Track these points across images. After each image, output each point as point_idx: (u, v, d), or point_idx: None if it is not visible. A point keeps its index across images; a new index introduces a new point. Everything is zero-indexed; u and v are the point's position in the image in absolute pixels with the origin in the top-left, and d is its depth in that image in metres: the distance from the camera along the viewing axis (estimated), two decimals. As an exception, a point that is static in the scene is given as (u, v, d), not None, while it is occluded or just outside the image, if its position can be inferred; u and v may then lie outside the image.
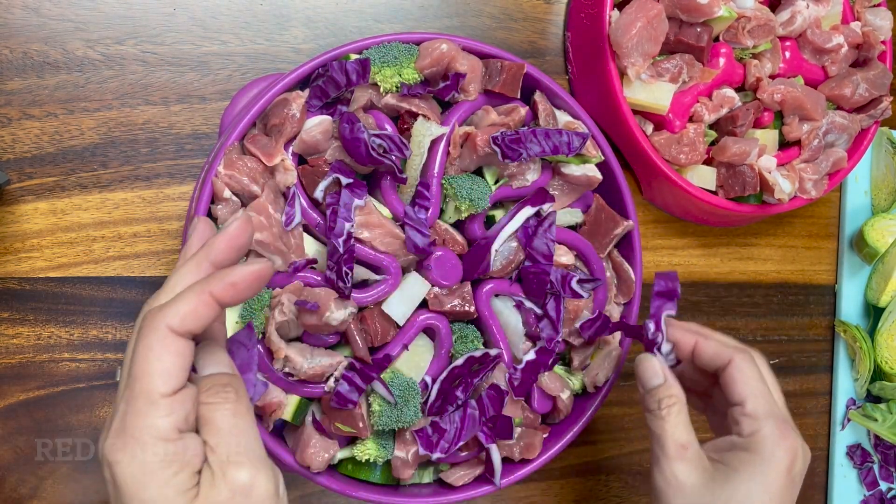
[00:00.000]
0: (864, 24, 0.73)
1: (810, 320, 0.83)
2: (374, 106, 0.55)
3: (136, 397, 0.34)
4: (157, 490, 0.34)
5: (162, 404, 0.34)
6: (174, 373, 0.35)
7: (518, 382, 0.57)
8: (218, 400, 0.36)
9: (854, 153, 0.73)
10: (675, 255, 0.77)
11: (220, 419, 0.36)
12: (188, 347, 0.35)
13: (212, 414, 0.36)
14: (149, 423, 0.34)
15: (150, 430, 0.34)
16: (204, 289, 0.35)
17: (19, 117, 0.58)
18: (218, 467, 0.35)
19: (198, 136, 0.62)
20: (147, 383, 0.34)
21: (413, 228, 0.54)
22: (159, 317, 0.35)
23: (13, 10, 0.58)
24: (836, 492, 0.81)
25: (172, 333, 0.35)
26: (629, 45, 0.63)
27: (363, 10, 0.66)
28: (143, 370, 0.34)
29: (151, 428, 0.34)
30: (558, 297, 0.58)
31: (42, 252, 0.58)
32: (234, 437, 0.36)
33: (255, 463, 0.36)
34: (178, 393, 0.35)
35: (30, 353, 0.58)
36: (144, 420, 0.34)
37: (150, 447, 0.34)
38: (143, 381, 0.34)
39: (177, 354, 0.35)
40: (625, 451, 0.74)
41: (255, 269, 0.36)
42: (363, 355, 0.53)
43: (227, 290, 0.35)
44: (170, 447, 0.34)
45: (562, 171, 0.59)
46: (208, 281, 0.36)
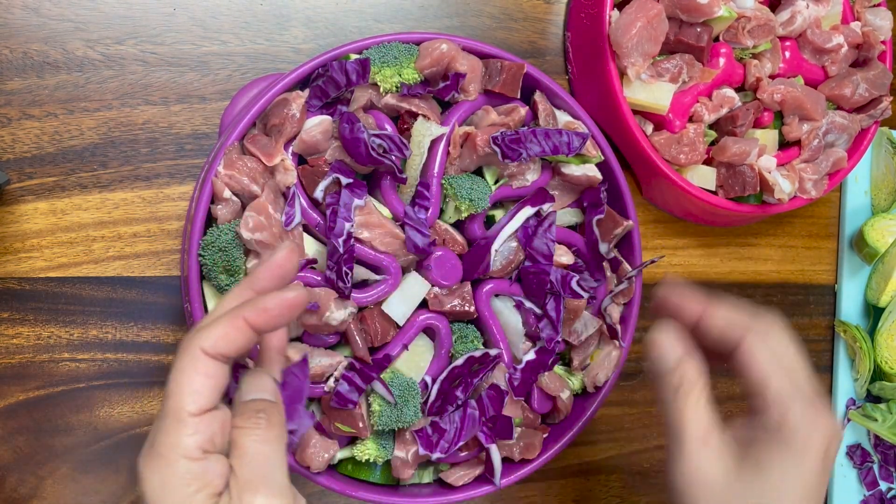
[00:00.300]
0: (864, 24, 0.73)
1: (810, 320, 0.83)
2: (374, 106, 0.55)
3: (166, 415, 0.35)
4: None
5: (189, 423, 0.35)
6: (204, 393, 0.36)
7: (518, 382, 0.57)
8: (248, 425, 0.37)
9: (854, 153, 0.73)
10: (675, 255, 0.77)
11: (247, 444, 0.36)
12: (220, 370, 0.36)
13: (240, 438, 0.36)
14: (174, 441, 0.35)
15: (176, 447, 0.35)
16: (238, 314, 0.36)
17: (19, 117, 0.58)
18: (236, 492, 0.35)
19: (198, 136, 0.62)
20: (177, 401, 0.35)
21: (413, 228, 0.54)
22: (194, 339, 0.36)
23: (13, 10, 0.58)
24: (836, 492, 0.81)
25: (205, 355, 0.36)
26: (629, 45, 0.63)
27: (363, 10, 0.66)
28: (173, 389, 0.36)
29: (177, 445, 0.35)
30: (558, 297, 0.58)
31: (42, 252, 0.58)
32: (257, 464, 0.36)
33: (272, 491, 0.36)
34: (206, 413, 0.36)
35: (30, 353, 0.58)
36: (171, 437, 0.35)
37: (174, 464, 0.35)
38: (174, 400, 0.35)
39: (207, 376, 0.36)
40: (625, 451, 0.74)
41: (290, 297, 0.37)
42: (363, 355, 0.53)
43: (259, 315, 0.36)
44: (192, 466, 0.35)
45: (562, 171, 0.59)
46: (242, 307, 0.37)
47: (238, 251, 0.51)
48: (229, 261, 0.50)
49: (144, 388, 0.60)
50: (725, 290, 0.79)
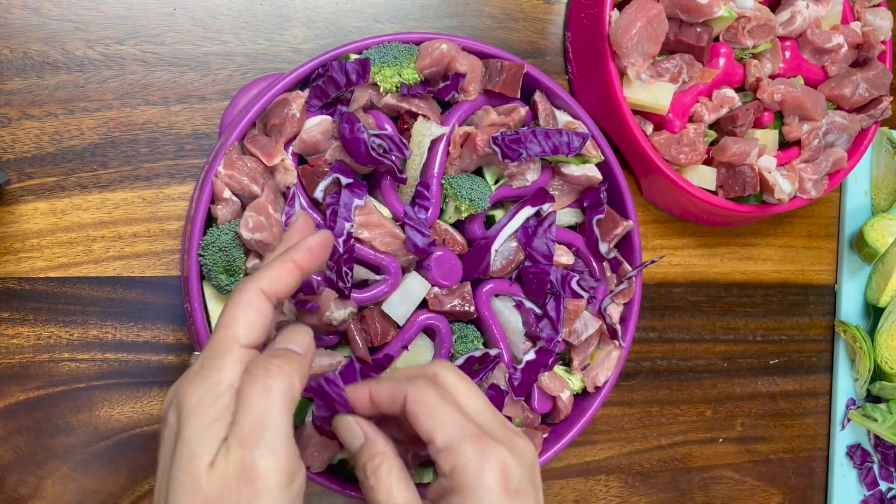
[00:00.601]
0: (864, 24, 0.73)
1: (810, 320, 0.83)
2: (374, 106, 0.55)
3: (219, 343, 0.38)
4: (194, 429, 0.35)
5: (237, 351, 0.37)
6: (256, 327, 0.38)
7: (518, 382, 0.57)
8: (257, 371, 0.37)
9: (854, 153, 0.73)
10: (675, 255, 0.77)
11: (248, 394, 0.36)
12: (271, 311, 0.39)
13: (244, 386, 0.37)
14: (220, 365, 0.37)
15: (219, 371, 0.37)
16: (287, 257, 0.41)
17: (19, 117, 0.58)
18: (233, 441, 0.35)
19: (198, 136, 0.62)
20: (232, 331, 0.38)
21: (413, 228, 0.54)
22: (251, 280, 0.39)
23: (13, 10, 0.58)
24: (836, 492, 0.81)
25: (261, 294, 0.39)
26: (629, 45, 0.63)
27: (363, 10, 0.66)
28: (229, 320, 0.38)
29: (220, 370, 0.37)
30: (558, 297, 0.58)
31: (42, 252, 0.58)
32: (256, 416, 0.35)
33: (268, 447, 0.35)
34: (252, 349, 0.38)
35: (30, 353, 0.58)
36: (218, 362, 0.37)
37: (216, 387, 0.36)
38: (229, 329, 0.38)
39: (260, 312, 0.38)
40: (625, 451, 0.74)
41: (324, 237, 0.42)
42: (363, 355, 0.53)
43: (305, 255, 0.41)
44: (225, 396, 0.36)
45: (562, 171, 0.59)
46: (289, 251, 0.41)
47: (238, 251, 0.51)
48: (229, 261, 0.50)
49: (144, 388, 0.60)
50: (725, 290, 0.79)
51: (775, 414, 0.81)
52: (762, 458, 0.80)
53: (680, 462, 0.76)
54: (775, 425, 0.81)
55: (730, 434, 0.78)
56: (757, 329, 0.80)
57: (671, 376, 0.76)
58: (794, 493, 0.81)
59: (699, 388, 0.77)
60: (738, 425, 0.79)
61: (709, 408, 0.78)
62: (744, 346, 0.80)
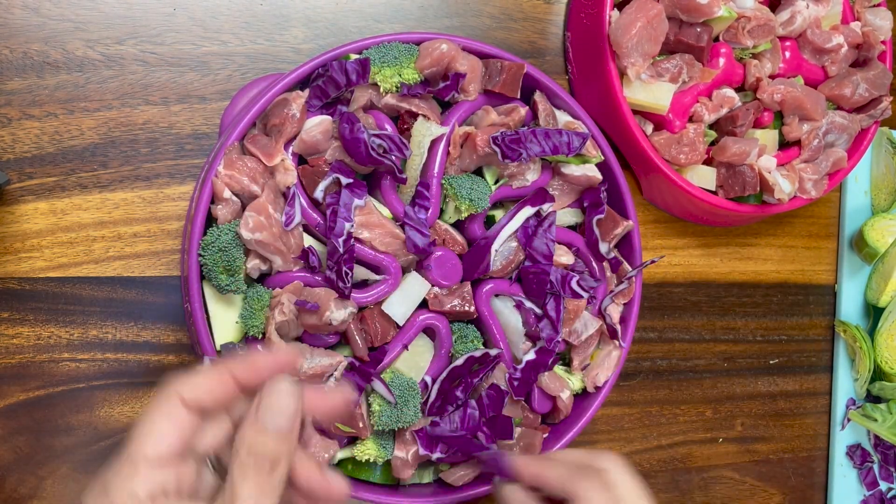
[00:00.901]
0: (864, 24, 0.73)
1: (810, 320, 0.83)
2: (374, 106, 0.55)
3: (123, 457, 0.34)
4: None
5: (142, 468, 0.34)
6: (166, 439, 0.34)
7: (518, 382, 0.57)
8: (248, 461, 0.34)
9: (854, 153, 0.73)
10: (675, 255, 0.77)
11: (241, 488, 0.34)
12: (190, 423, 0.35)
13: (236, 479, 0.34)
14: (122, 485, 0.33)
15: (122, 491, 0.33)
16: (225, 367, 0.36)
17: (19, 117, 0.58)
18: None
19: (198, 136, 0.62)
20: (136, 443, 0.34)
21: (413, 228, 0.54)
22: (173, 384, 0.35)
23: (13, 10, 0.58)
24: (836, 492, 0.81)
25: (179, 402, 0.35)
26: (629, 45, 0.63)
27: (363, 10, 0.66)
28: (136, 430, 0.34)
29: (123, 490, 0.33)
30: (558, 297, 0.58)
31: (42, 252, 0.58)
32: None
33: None
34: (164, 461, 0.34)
35: (30, 353, 0.58)
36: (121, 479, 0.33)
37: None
38: (133, 441, 0.34)
39: (174, 423, 0.35)
40: (625, 451, 0.74)
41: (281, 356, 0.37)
42: (363, 355, 0.53)
43: (245, 369, 0.36)
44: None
45: (562, 171, 0.59)
46: (231, 362, 0.36)
47: (238, 251, 0.51)
48: (229, 261, 0.50)
49: (144, 388, 0.60)
50: (725, 290, 0.79)
51: (775, 414, 0.81)
52: (762, 458, 0.80)
53: (680, 462, 0.76)
54: (775, 425, 0.81)
55: (730, 434, 0.78)
56: (757, 329, 0.80)
57: (671, 376, 0.76)
58: (794, 493, 0.81)
59: (699, 388, 0.77)
60: (738, 425, 0.79)
61: (709, 408, 0.78)
62: (744, 346, 0.80)
